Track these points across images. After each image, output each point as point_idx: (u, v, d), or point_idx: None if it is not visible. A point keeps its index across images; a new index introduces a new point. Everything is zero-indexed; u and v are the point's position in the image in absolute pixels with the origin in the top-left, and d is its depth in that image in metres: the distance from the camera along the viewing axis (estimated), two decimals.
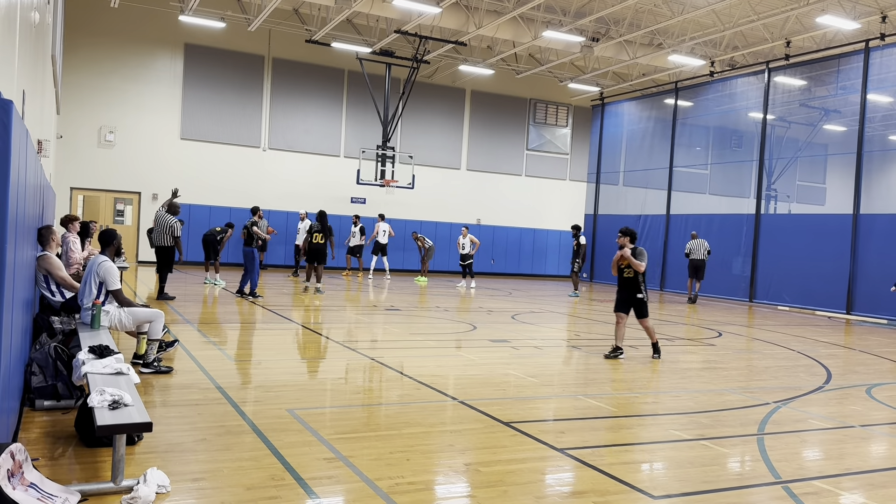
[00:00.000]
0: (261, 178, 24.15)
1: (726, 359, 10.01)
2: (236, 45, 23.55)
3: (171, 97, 23.05)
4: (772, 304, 20.00)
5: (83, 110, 21.85)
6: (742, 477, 4.81)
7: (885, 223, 17.66)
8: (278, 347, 9.50)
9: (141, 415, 4.06)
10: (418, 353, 9.27)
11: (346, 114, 25.39)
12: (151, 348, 6.88)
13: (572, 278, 20.37)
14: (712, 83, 23.10)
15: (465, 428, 5.57)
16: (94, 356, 5.12)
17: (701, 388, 7.71)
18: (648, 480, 4.60)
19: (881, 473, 5.00)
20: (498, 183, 28.08)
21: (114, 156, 22.33)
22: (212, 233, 17.78)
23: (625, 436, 5.69)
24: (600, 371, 8.53)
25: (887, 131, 19.28)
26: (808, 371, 9.17)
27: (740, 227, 21.43)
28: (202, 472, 4.22)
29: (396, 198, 25.22)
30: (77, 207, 22.11)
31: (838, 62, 19.31)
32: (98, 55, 21.98)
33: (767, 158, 21.18)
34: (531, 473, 4.57)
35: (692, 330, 13.31)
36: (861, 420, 6.57)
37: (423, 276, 22.53)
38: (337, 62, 24.79)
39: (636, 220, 25.28)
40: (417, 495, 4.05)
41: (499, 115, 27.97)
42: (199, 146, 23.38)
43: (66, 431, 4.87)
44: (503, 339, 10.60)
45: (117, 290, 6.79)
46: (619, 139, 27.12)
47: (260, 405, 5.93)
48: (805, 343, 12.07)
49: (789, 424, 6.24)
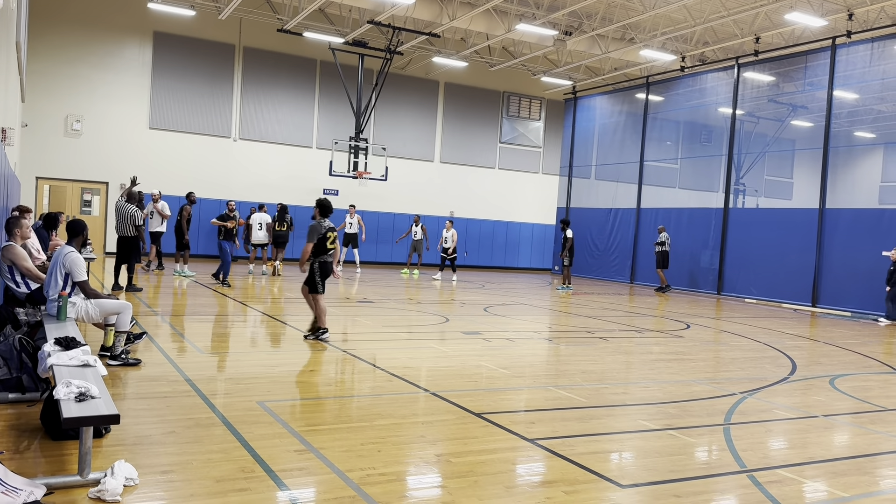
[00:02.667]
0: (232, 169, 23.90)
1: (694, 350, 10.16)
2: (206, 33, 23.23)
3: (140, 86, 22.69)
4: (739, 296, 20.32)
5: (49, 98, 21.42)
6: (708, 466, 4.90)
7: (850, 218, 18.03)
8: (248, 339, 9.43)
9: (108, 407, 4.01)
10: (391, 346, 9.27)
11: (318, 104, 25.21)
12: (119, 340, 6.79)
13: (565, 273, 20.25)
14: (683, 78, 23.33)
15: (436, 419, 5.59)
16: (61, 348, 5.04)
17: (669, 378, 7.82)
18: (617, 470, 4.67)
19: (843, 462, 5.12)
20: (471, 175, 28.11)
21: (81, 145, 21.94)
22: (180, 223, 17.56)
23: (594, 426, 5.75)
24: (571, 362, 8.60)
25: (853, 127, 19.66)
26: (773, 362, 9.35)
27: (709, 221, 21.72)
28: (171, 465, 4.18)
29: (369, 190, 25.13)
30: (43, 197, 21.70)
31: (806, 59, 19.62)
32: (64, 42, 21.55)
33: (736, 153, 21.47)
34: (502, 464, 4.60)
35: (661, 322, 13.47)
36: (824, 410, 6.72)
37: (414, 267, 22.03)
38: (309, 52, 24.59)
39: (607, 214, 25.51)
40: (388, 486, 4.06)
41: (472, 107, 27.98)
42: (169, 136, 23.07)
43: (32, 424, 4.80)
44: (475, 332, 10.63)
45: (83, 281, 6.69)
46: (591, 133, 27.29)
47: (230, 397, 5.89)
48: (771, 335, 12.29)
49: (755, 414, 6.35)
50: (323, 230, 8.95)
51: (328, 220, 9.10)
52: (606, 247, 25.47)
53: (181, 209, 17.59)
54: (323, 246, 8.96)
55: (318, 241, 8.92)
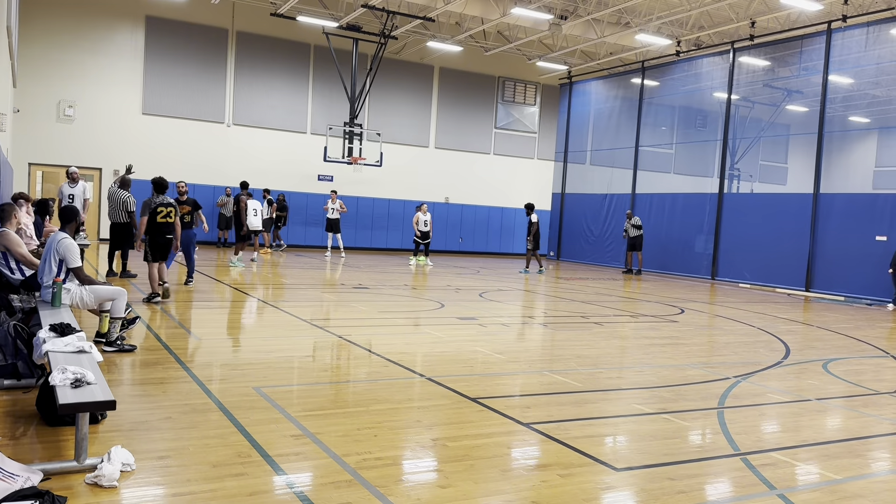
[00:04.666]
0: (225, 155, 23.81)
1: (688, 335, 10.20)
2: (199, 17, 23.05)
3: (133, 71, 22.53)
4: (733, 281, 20.39)
5: (41, 84, 21.26)
6: (702, 449, 4.93)
7: (843, 202, 18.07)
8: (244, 325, 9.44)
9: (104, 393, 4.01)
10: (386, 331, 9.28)
11: (312, 90, 25.08)
12: (114, 326, 6.78)
13: (528, 256, 20.74)
14: (678, 63, 23.27)
15: (432, 404, 5.61)
16: (56, 334, 5.04)
17: (663, 363, 7.86)
18: (611, 453, 4.70)
19: (835, 445, 5.16)
20: (466, 161, 28.06)
21: (73, 131, 21.81)
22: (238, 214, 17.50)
23: (589, 410, 5.78)
24: (566, 347, 8.64)
25: (847, 112, 19.65)
26: (767, 347, 9.40)
27: (703, 206, 21.75)
28: (167, 450, 4.19)
29: (364, 176, 25.07)
30: (36, 183, 21.59)
31: (801, 43, 19.58)
32: (56, 27, 21.36)
33: (731, 138, 21.46)
34: (497, 447, 4.63)
35: (655, 307, 13.52)
36: (817, 394, 6.76)
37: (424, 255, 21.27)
38: (303, 37, 24.43)
39: (602, 199, 25.51)
40: (385, 470, 4.08)
41: (467, 92, 27.88)
42: (162, 121, 22.94)
43: (28, 411, 4.80)
44: (471, 317, 10.65)
45: (78, 267, 6.67)
46: (586, 118, 27.23)
47: (226, 383, 5.90)
48: (765, 319, 12.34)
49: (748, 398, 6.40)
50: (154, 205, 10.35)
51: (162, 196, 10.45)
52: (602, 232, 25.49)
53: (237, 198, 17.46)
54: (154, 220, 10.35)
55: (150, 215, 10.32)
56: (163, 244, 10.40)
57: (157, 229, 10.35)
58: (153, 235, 10.34)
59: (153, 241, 10.35)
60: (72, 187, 13.57)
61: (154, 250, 10.31)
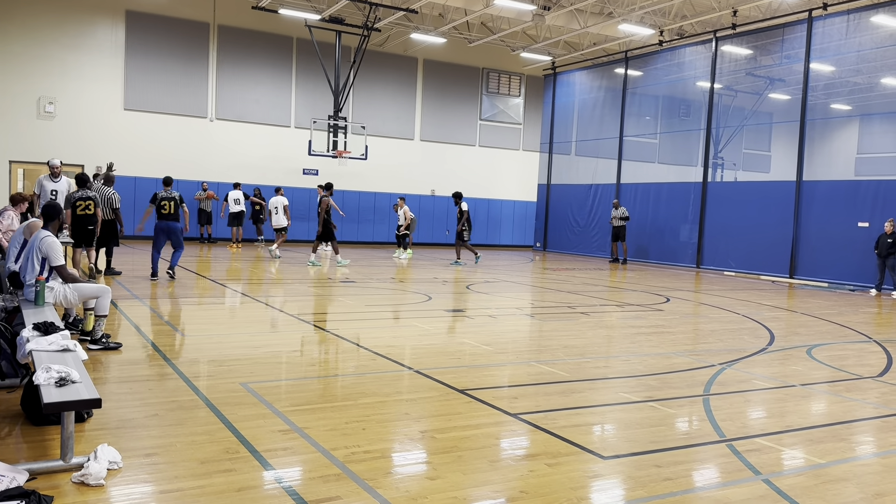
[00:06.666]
0: (209, 149, 23.65)
1: (674, 323, 10.27)
2: (179, 11, 22.85)
3: (114, 66, 22.31)
4: (718, 269, 20.53)
5: (20, 80, 21.01)
6: (688, 436, 4.97)
7: (826, 189, 18.23)
8: (230, 321, 9.40)
9: (89, 391, 3.98)
10: (374, 325, 9.28)
11: (295, 83, 24.94)
12: (99, 324, 6.73)
13: (457, 246, 19.47)
14: (661, 52, 23.33)
15: (420, 396, 5.62)
16: (39, 333, 4.99)
17: (650, 351, 7.91)
18: (599, 442, 4.73)
19: (820, 429, 5.22)
20: (451, 153, 28.03)
21: (54, 127, 21.58)
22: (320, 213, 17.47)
23: (576, 399, 5.81)
24: (553, 337, 8.67)
25: (829, 100, 19.80)
26: (752, 334, 9.48)
27: (688, 196, 21.86)
28: (155, 448, 4.18)
29: (349, 169, 25.00)
30: (17, 181, 21.36)
31: (783, 32, 19.68)
32: (35, 23, 21.10)
33: (714, 127, 21.58)
34: (485, 438, 4.64)
35: (641, 296, 13.59)
36: (801, 379, 6.83)
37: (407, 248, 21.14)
38: (285, 30, 24.27)
39: (588, 190, 25.58)
40: (373, 463, 4.09)
41: (451, 84, 27.82)
42: (144, 117, 22.75)
43: (12, 410, 4.77)
44: (458, 309, 10.67)
45: (61, 265, 6.61)
46: (570, 109, 27.27)
47: (213, 379, 5.88)
48: (750, 307, 12.44)
49: (734, 385, 6.45)
50: (73, 199, 11.65)
51: (83, 191, 11.69)
52: (587, 223, 25.58)
53: (320, 200, 17.24)
54: (74, 212, 11.59)
55: (71, 208, 11.59)
56: (81, 232, 11.75)
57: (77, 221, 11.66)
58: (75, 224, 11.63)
59: (74, 229, 11.63)
60: (55, 182, 12.55)
61: (76, 238, 11.65)
